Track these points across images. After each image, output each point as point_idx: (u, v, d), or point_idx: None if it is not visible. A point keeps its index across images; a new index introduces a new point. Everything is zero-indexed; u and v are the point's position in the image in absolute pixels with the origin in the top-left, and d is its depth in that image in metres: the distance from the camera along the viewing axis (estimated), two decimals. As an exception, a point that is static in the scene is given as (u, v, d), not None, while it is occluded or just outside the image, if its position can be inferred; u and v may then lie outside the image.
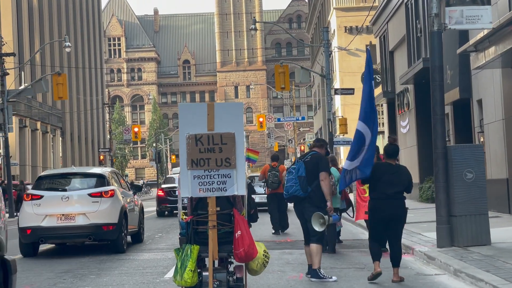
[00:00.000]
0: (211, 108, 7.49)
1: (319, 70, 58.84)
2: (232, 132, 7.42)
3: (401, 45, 30.83)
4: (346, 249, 13.88)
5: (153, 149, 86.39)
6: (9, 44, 44.88)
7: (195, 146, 7.37)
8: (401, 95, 30.99)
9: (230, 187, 7.39)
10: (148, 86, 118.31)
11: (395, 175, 9.27)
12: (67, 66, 59.97)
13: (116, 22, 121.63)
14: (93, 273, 11.37)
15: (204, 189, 7.35)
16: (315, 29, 67.11)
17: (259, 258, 7.51)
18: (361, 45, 50.87)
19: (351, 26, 52.93)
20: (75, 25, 66.29)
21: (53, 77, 32.83)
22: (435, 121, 11.96)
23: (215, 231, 7.30)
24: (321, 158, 9.97)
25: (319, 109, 64.08)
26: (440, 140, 11.88)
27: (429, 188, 26.04)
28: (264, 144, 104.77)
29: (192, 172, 7.38)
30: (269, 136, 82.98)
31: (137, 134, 56.15)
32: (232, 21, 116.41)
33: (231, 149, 7.38)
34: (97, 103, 72.37)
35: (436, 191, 12.08)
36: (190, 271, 7.08)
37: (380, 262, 9.34)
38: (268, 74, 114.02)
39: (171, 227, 21.31)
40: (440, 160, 11.86)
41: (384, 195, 9.19)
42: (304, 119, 64.70)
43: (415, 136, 29.00)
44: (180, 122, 7.55)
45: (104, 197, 14.06)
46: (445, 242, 11.76)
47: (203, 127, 7.43)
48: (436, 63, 11.99)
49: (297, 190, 9.70)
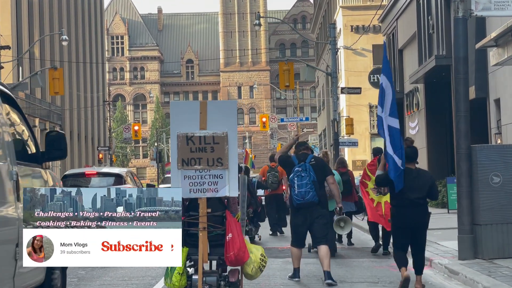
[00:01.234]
0: (204, 106, 7.27)
1: (325, 69, 57.70)
2: (225, 131, 7.18)
3: (411, 43, 29.59)
4: (356, 258, 12.68)
5: (154, 148, 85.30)
6: (6, 38, 43.83)
7: (186, 145, 7.16)
8: (410, 95, 29.75)
9: (222, 188, 7.17)
10: (151, 85, 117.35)
11: (415, 180, 8.65)
12: (67, 61, 58.81)
13: (119, 20, 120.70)
14: (71, 284, 9.87)
15: (195, 189, 7.13)
16: (320, 29, 65.95)
17: (255, 262, 7.24)
18: (368, 45, 49.80)
19: (358, 26, 51.76)
20: (76, 20, 65.10)
21: (49, 71, 31.67)
22: (459, 118, 10.73)
23: (205, 233, 7.10)
24: (324, 161, 10.06)
25: (323, 110, 62.94)
26: (464, 140, 10.65)
27: (439, 193, 24.79)
28: (267, 145, 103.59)
29: (182, 172, 7.16)
30: (272, 137, 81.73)
31: (137, 132, 54.93)
32: (236, 21, 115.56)
33: (223, 149, 7.16)
34: (98, 100, 71.20)
35: (458, 197, 10.84)
36: (178, 274, 6.96)
37: (406, 268, 8.73)
38: (272, 75, 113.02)
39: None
40: (463, 162, 10.63)
41: (406, 202, 8.62)
42: (308, 120, 63.43)
43: (424, 137, 27.75)
44: (171, 120, 7.33)
45: None
46: (468, 253, 10.52)
47: (195, 126, 7.21)
48: (460, 54, 10.76)
49: (314, 196, 9.48)
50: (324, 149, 54.19)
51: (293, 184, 9.60)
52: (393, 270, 10.30)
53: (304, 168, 9.54)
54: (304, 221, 9.64)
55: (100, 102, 70.91)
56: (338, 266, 11.41)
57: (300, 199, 9.48)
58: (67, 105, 61.06)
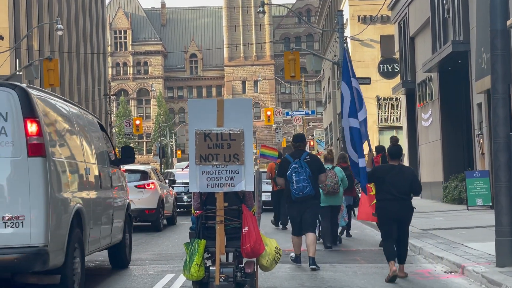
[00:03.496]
0: (221, 104, 7.51)
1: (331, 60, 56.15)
2: (241, 128, 7.44)
3: (423, 29, 28.00)
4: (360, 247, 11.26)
5: (156, 144, 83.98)
6: (4, 31, 42.52)
7: (204, 141, 7.41)
8: (423, 85, 28.17)
9: (238, 183, 7.41)
10: (154, 80, 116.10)
11: (398, 176, 9.32)
12: (68, 52, 57.33)
13: (122, 14, 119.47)
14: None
15: (212, 184, 7.41)
16: (326, 21, 64.41)
17: (270, 254, 7.51)
18: (375, 36, 48.42)
19: (365, 16, 50.25)
20: (77, 12, 63.55)
21: (43, 62, 30.15)
22: (496, 101, 9.17)
23: (222, 226, 7.35)
24: (319, 159, 11.07)
25: (329, 103, 61.40)
26: (503, 127, 9.10)
27: (455, 188, 23.24)
28: (271, 140, 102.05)
29: (200, 168, 7.42)
30: (277, 131, 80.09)
31: (139, 127, 53.40)
32: (240, 14, 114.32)
33: (239, 145, 7.41)
34: (99, 94, 69.73)
35: (496, 193, 9.30)
36: (196, 265, 7.15)
37: (395, 261, 9.27)
38: (276, 69, 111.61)
39: (164, 229, 18.72)
40: (502, 153, 9.10)
41: (389, 196, 9.29)
42: (314, 114, 61.95)
43: (439, 129, 26.18)
44: (189, 117, 7.56)
45: (146, 188, 18.15)
46: (508, 259, 9.01)
47: (212, 123, 7.47)
48: (498, 26, 9.21)
49: (311, 189, 10.33)
50: (329, 147, 52.77)
51: (291, 180, 10.34)
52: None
53: (300, 164, 10.35)
54: (298, 212, 10.58)
55: (102, 96, 69.45)
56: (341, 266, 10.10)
57: (299, 193, 10.31)
58: (67, 98, 59.61)
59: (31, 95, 7.49)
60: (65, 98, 9.81)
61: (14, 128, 7.25)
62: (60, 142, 8.13)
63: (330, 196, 13.01)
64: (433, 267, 10.43)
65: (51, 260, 7.20)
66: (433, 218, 17.90)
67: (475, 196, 19.89)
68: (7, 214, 7.08)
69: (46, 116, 7.76)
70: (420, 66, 28.45)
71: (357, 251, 12.72)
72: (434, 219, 17.73)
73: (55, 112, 8.27)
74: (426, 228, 15.15)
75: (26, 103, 7.34)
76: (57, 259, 7.39)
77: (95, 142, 9.84)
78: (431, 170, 27.81)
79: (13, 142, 7.23)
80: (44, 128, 7.46)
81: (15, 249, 7.05)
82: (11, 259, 7.02)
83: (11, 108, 7.28)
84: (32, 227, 7.09)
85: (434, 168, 27.15)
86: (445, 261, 10.39)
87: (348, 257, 11.87)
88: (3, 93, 7.34)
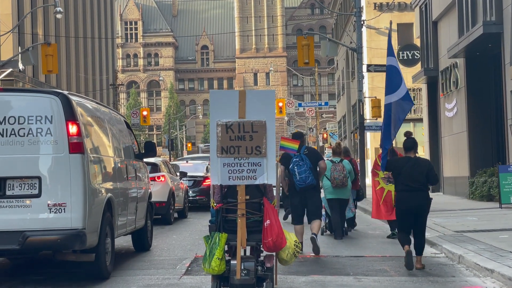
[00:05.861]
0: (243, 96, 7.42)
1: (344, 52, 54.18)
2: (263, 120, 7.32)
3: (448, 12, 25.98)
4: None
5: (166, 136, 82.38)
6: (7, 18, 41.00)
7: (226, 133, 7.31)
8: (447, 72, 26.15)
9: (260, 175, 7.30)
10: (165, 71, 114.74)
11: (414, 168, 9.51)
12: (74, 36, 55.56)
13: (133, 5, 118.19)
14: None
15: (234, 177, 7.30)
16: (340, 10, 62.47)
17: (290, 248, 7.46)
18: (392, 24, 46.34)
19: (381, 3, 48.33)
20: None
21: (41, 47, 28.33)
22: None
23: (243, 219, 7.24)
24: (315, 149, 12.03)
25: (342, 95, 59.49)
26: None
27: (484, 183, 21.25)
28: (283, 133, 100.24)
29: (222, 160, 7.33)
30: (289, 123, 78.20)
31: (146, 118, 51.53)
32: (252, 5, 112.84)
33: (262, 137, 7.31)
34: (107, 83, 68.02)
35: None
36: (217, 259, 7.01)
37: (409, 246, 9.42)
38: (288, 61, 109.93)
39: (170, 225, 16.99)
40: None
41: (406, 187, 9.47)
42: (327, 105, 59.99)
43: (465, 120, 24.18)
44: (210, 109, 7.48)
45: (157, 181, 17.65)
46: None
47: (234, 115, 7.37)
48: None
49: (313, 179, 11.11)
50: (338, 140, 50.76)
51: (294, 172, 11.12)
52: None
53: (300, 158, 11.12)
54: (300, 201, 11.33)
55: (109, 86, 67.75)
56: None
57: (302, 184, 11.07)
58: (74, 88, 57.90)
59: (71, 101, 8.61)
60: (97, 101, 11.01)
61: (58, 129, 8.40)
62: (94, 140, 9.20)
63: (338, 189, 13.47)
64: (482, 282, 8.47)
65: (88, 241, 8.36)
66: (464, 218, 15.98)
67: (510, 193, 17.90)
68: (51, 201, 8.23)
69: (84, 118, 8.89)
70: (443, 52, 26.45)
71: (384, 258, 10.78)
72: (465, 218, 15.82)
73: (90, 114, 9.34)
74: (459, 230, 13.25)
75: (67, 107, 8.47)
76: (92, 240, 8.54)
77: (122, 139, 10.91)
78: (455, 164, 25.81)
79: (57, 141, 8.39)
80: (82, 128, 8.62)
81: (58, 231, 8.20)
82: (55, 239, 8.17)
83: (55, 112, 8.41)
84: (72, 213, 8.25)
85: (459, 161, 25.15)
86: (497, 274, 8.45)
87: (375, 266, 9.94)
88: (49, 99, 8.48)
